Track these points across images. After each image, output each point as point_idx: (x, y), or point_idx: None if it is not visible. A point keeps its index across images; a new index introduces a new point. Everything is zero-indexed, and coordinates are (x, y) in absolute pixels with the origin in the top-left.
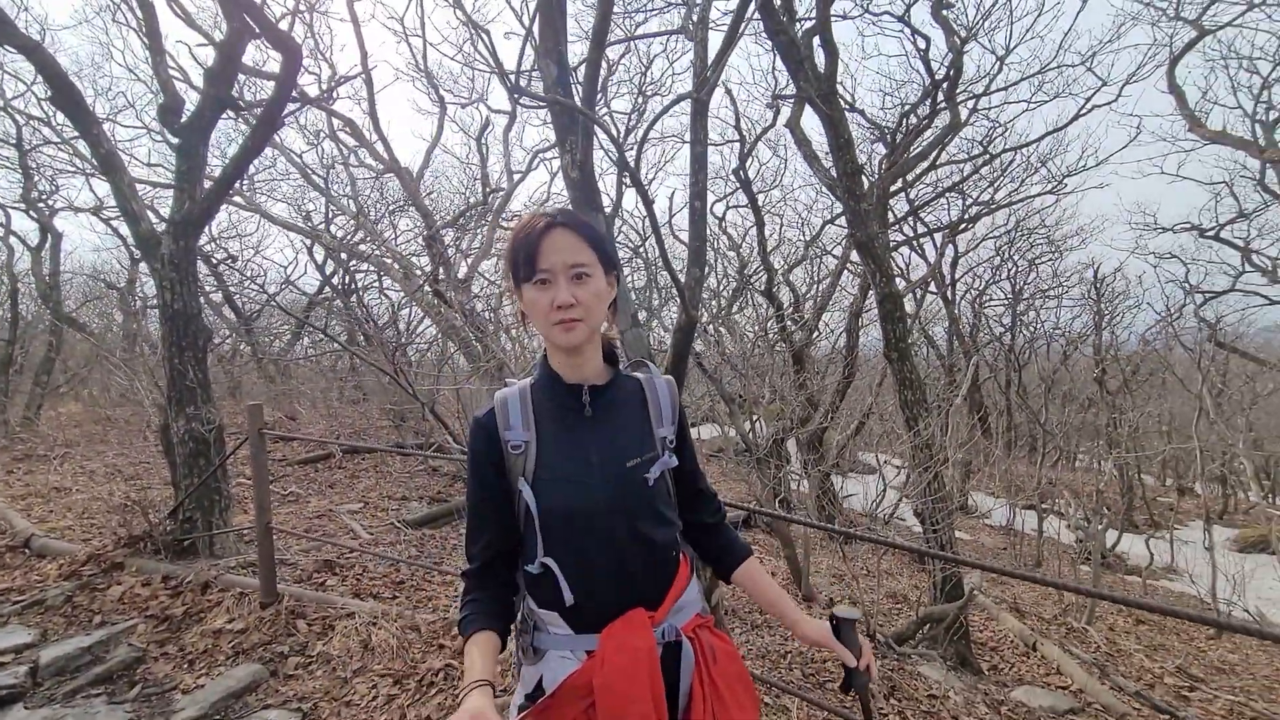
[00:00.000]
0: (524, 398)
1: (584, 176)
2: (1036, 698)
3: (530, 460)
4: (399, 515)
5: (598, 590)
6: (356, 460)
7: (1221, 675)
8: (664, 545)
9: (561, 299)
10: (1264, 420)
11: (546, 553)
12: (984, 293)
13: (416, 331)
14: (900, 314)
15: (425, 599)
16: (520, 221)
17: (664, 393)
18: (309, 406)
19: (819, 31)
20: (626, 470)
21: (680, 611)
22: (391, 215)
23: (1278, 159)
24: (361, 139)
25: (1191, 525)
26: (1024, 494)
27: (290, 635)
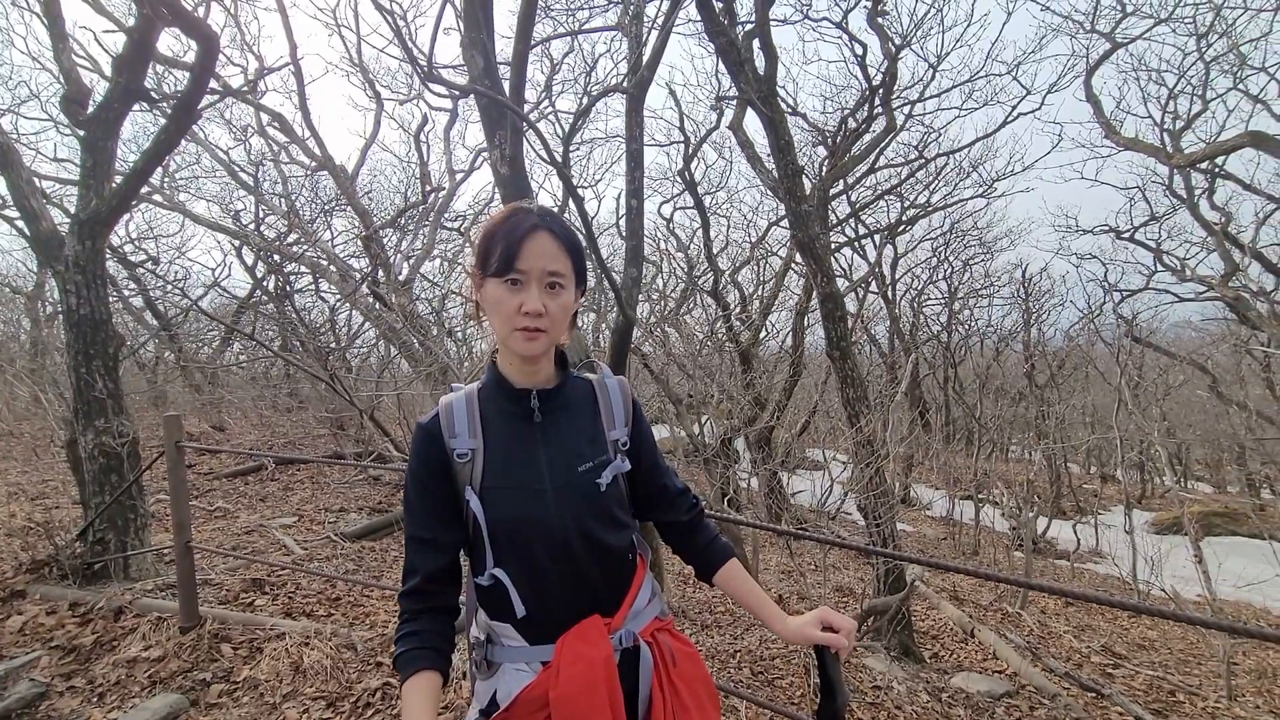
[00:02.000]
0: (470, 403)
1: (514, 173)
2: (974, 683)
3: (477, 469)
4: (336, 528)
5: (551, 600)
6: (291, 472)
7: (1142, 652)
8: (619, 550)
9: (532, 306)
10: (1176, 410)
11: (496, 564)
12: (922, 292)
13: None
14: (841, 313)
15: (363, 615)
16: (504, 211)
17: (616, 394)
18: (239, 416)
19: (758, 34)
20: (578, 475)
21: (637, 616)
22: (326, 215)
23: (1184, 165)
24: (292, 135)
25: (1114, 510)
26: (962, 485)
27: (214, 661)
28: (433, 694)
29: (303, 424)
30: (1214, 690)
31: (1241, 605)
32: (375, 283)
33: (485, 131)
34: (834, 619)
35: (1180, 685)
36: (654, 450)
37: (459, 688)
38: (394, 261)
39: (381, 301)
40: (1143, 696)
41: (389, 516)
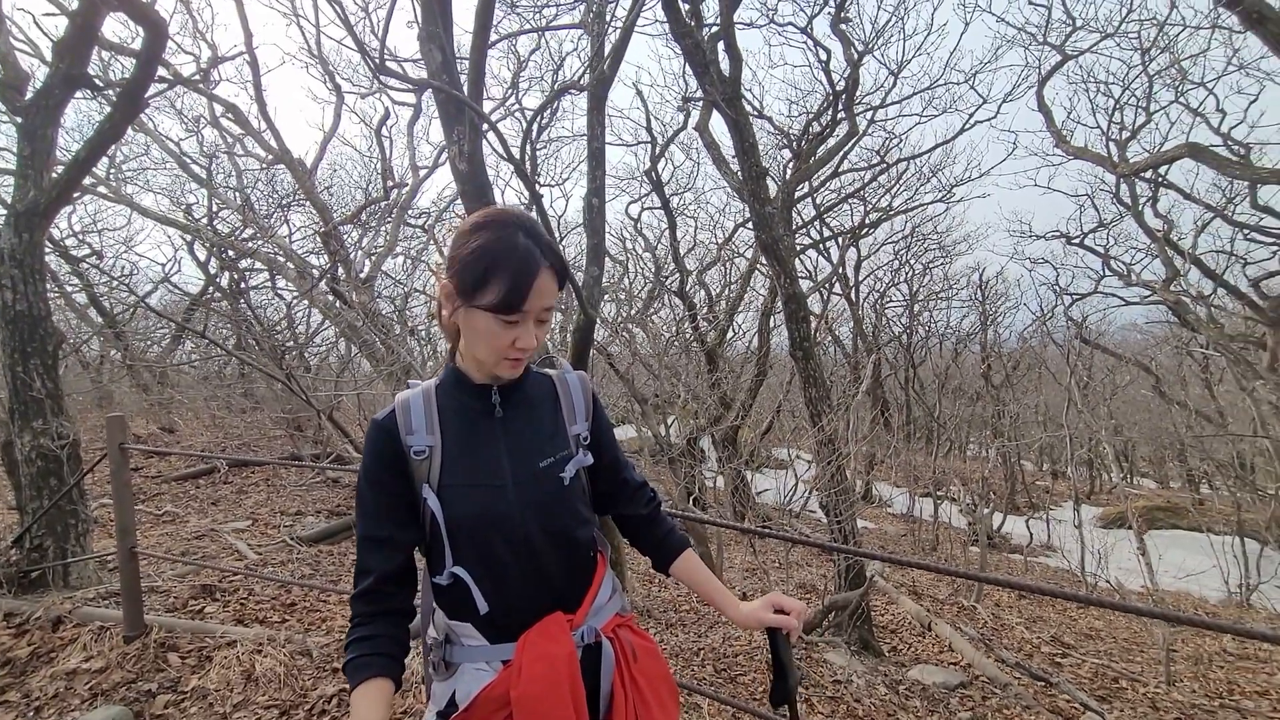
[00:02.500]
0: (428, 399)
1: (473, 169)
2: (930, 675)
3: (435, 466)
4: (292, 532)
5: (513, 597)
6: (245, 474)
7: (1089, 641)
8: (581, 545)
9: (527, 343)
10: (1123, 409)
11: (456, 562)
12: (885, 294)
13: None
14: (804, 314)
15: (319, 620)
16: (496, 235)
17: (576, 388)
18: (191, 417)
19: (723, 37)
20: (539, 470)
21: (599, 612)
22: (283, 209)
23: (1129, 174)
24: (247, 126)
25: (1064, 506)
26: (921, 483)
27: (160, 671)
28: (384, 701)
29: (258, 425)
30: (1154, 676)
31: (1181, 595)
32: (335, 280)
33: (443, 127)
34: (784, 602)
35: (1123, 672)
36: (614, 444)
37: (417, 692)
38: (355, 258)
39: (341, 299)
40: (1089, 684)
41: (348, 520)
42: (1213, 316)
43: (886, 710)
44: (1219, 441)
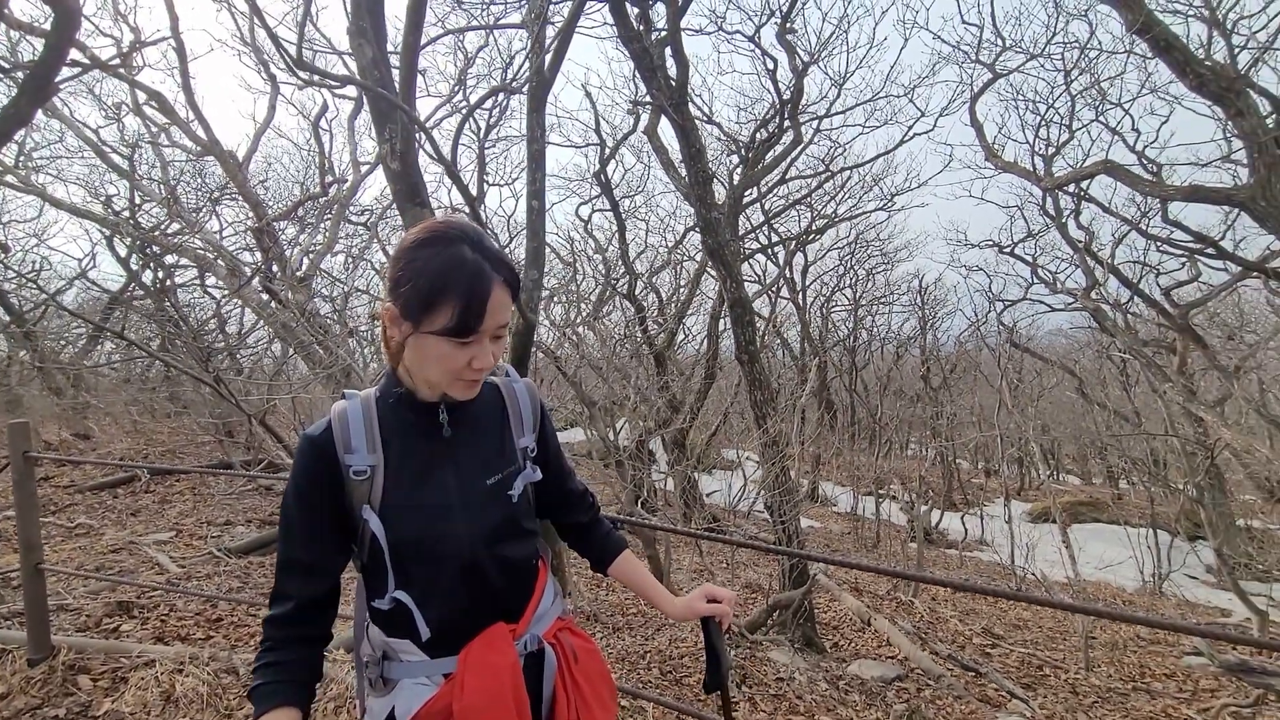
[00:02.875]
0: (369, 414)
1: (405, 168)
2: (869, 669)
3: (377, 487)
4: (220, 543)
5: (456, 617)
6: (168, 483)
7: (1017, 631)
8: (526, 560)
9: (485, 362)
10: (1049, 410)
11: (399, 586)
12: (830, 299)
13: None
14: (750, 318)
15: (247, 636)
16: (444, 254)
17: (524, 398)
18: (109, 423)
19: (670, 42)
20: (487, 489)
21: (541, 619)
22: (213, 204)
23: (1053, 188)
24: (173, 115)
25: (997, 502)
26: (864, 482)
27: (69, 695)
28: None
29: (184, 431)
30: (1075, 663)
31: (1101, 584)
32: (269, 278)
33: (375, 125)
34: (716, 592)
35: (1047, 660)
36: (560, 454)
37: (350, 708)
38: (291, 256)
39: (276, 298)
40: (1015, 672)
41: None
42: (1128, 323)
43: (827, 705)
44: (1135, 440)
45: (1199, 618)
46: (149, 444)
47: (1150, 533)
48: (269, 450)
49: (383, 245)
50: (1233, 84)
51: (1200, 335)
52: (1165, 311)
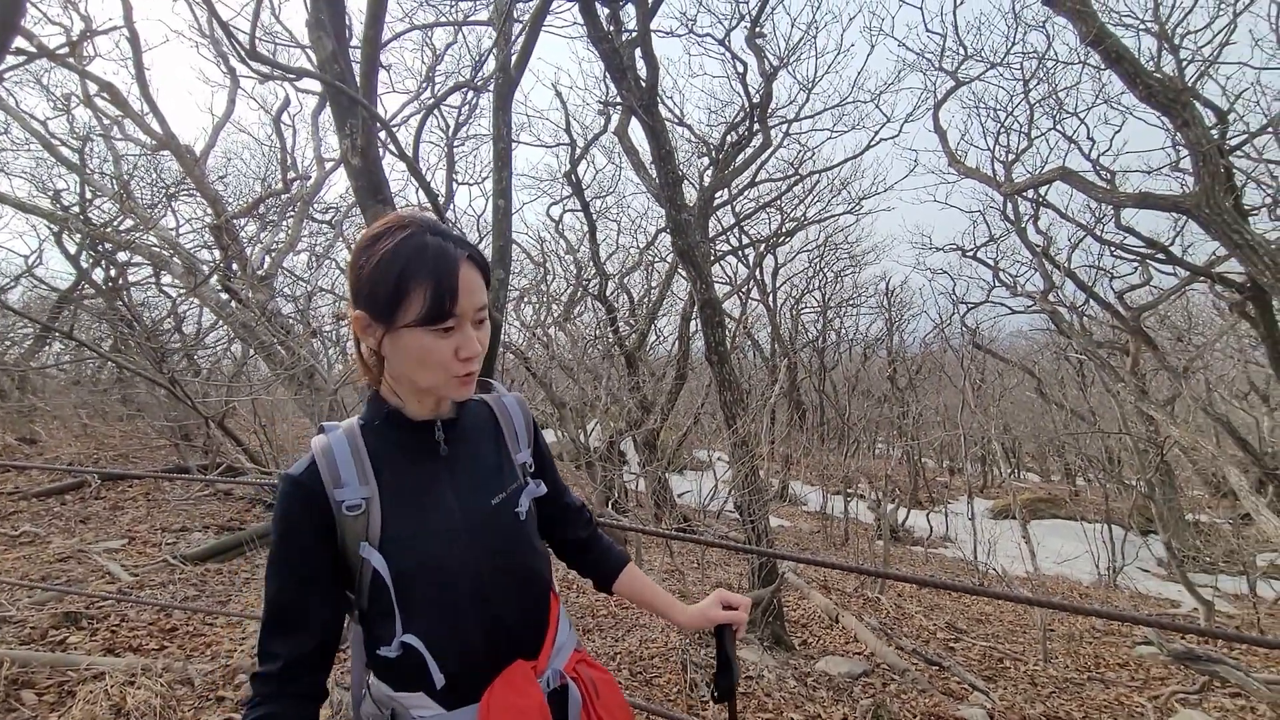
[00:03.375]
0: (354, 443)
1: (367, 165)
2: (836, 665)
3: (374, 520)
4: (175, 550)
5: (472, 657)
6: (120, 488)
7: (980, 625)
8: (539, 584)
9: (473, 349)
10: (1011, 409)
11: (407, 628)
12: (800, 300)
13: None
14: (719, 319)
15: (203, 645)
16: (400, 240)
17: (516, 412)
18: (58, 426)
19: (640, 44)
20: (492, 509)
21: (560, 652)
22: (169, 199)
23: (1012, 193)
24: (126, 108)
25: (961, 500)
26: (833, 481)
27: (11, 711)
28: None
29: (137, 434)
30: (1034, 655)
31: (1060, 578)
32: (228, 276)
33: (335, 121)
34: (731, 598)
35: (1008, 653)
36: (554, 467)
37: None
38: (252, 254)
39: (235, 297)
40: (977, 665)
41: (239, 535)
42: (1084, 325)
43: (795, 703)
44: (1091, 438)
45: (1150, 609)
46: (100, 448)
47: (1105, 528)
48: (228, 454)
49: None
50: (1179, 95)
51: (1151, 337)
52: (1118, 314)
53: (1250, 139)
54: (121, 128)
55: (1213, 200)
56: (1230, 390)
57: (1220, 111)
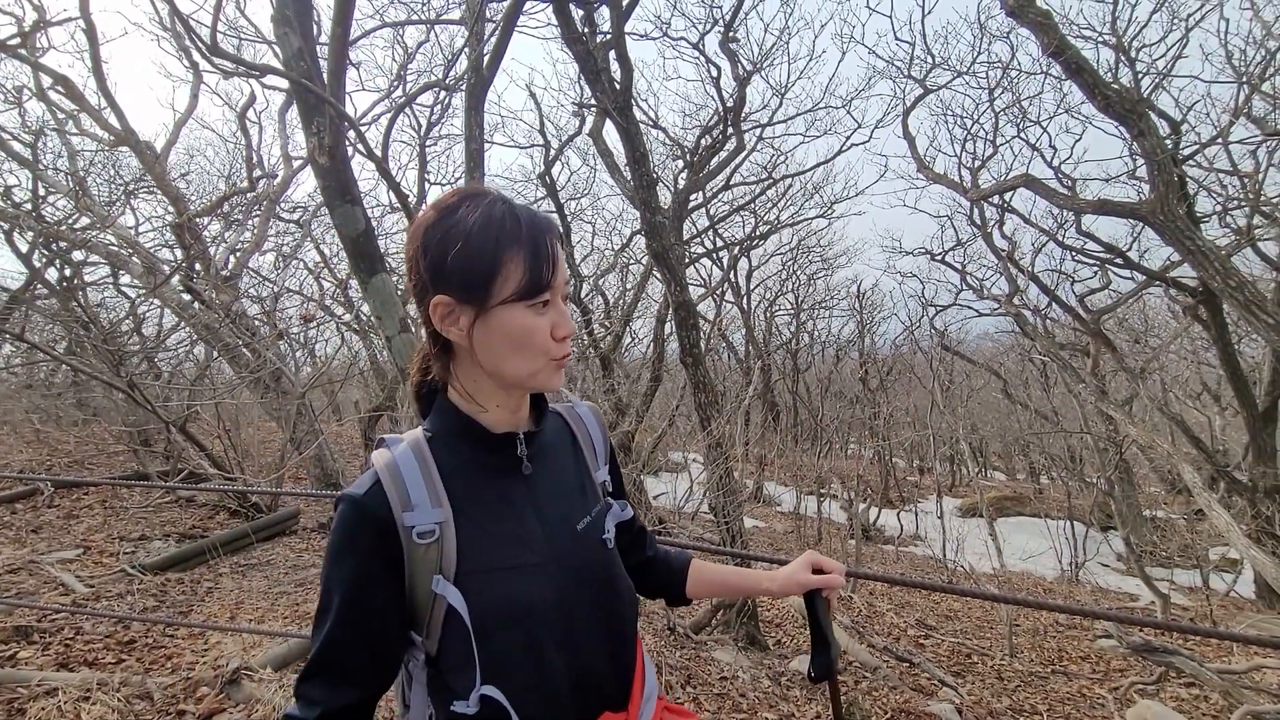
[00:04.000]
0: (424, 460)
1: (334, 164)
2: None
3: (449, 549)
4: (134, 559)
5: (557, 712)
6: (76, 496)
7: (949, 621)
8: (628, 623)
9: (570, 327)
10: (978, 410)
11: (487, 679)
12: (774, 303)
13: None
14: (694, 321)
15: (163, 658)
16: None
17: (593, 425)
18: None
19: (614, 46)
20: (578, 534)
21: (648, 702)
22: (128, 197)
23: (978, 199)
24: (82, 102)
25: (930, 498)
26: (806, 482)
27: None
28: None
29: (94, 439)
30: (1001, 650)
31: (1025, 574)
32: (190, 276)
33: (302, 119)
34: (822, 561)
35: (975, 648)
36: (624, 486)
37: None
38: (216, 254)
39: (198, 298)
40: (946, 661)
41: (202, 544)
42: (1047, 327)
43: (769, 702)
44: (1054, 437)
45: (1111, 603)
46: (53, 454)
47: (1068, 524)
48: (190, 459)
49: (316, 244)
50: (1136, 106)
51: (1110, 339)
52: (1079, 317)
53: (1201, 149)
54: (77, 122)
55: (1167, 207)
56: (1185, 390)
57: (1174, 122)
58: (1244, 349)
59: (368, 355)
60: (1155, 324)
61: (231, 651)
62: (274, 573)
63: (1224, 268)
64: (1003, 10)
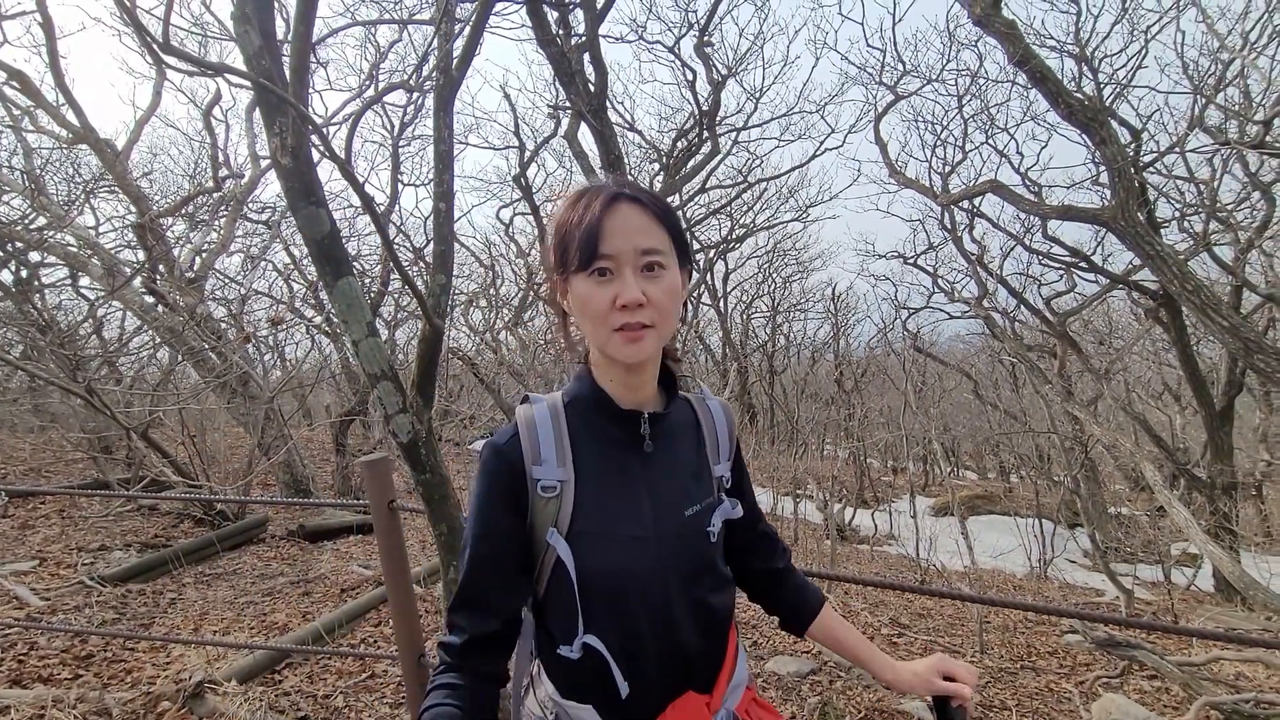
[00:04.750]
0: (558, 421)
1: (298, 165)
2: (785, 665)
3: (566, 507)
4: (93, 570)
5: (647, 676)
6: (31, 505)
7: (922, 620)
8: (723, 613)
9: (630, 295)
10: (950, 410)
11: (589, 629)
12: (751, 305)
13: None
14: None
15: (123, 672)
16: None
17: (720, 420)
18: None
19: (589, 49)
20: (685, 520)
21: (734, 690)
22: (87, 196)
23: (948, 204)
24: (38, 98)
25: (904, 498)
26: (783, 482)
27: None
28: None
29: (51, 447)
30: (971, 647)
31: (996, 572)
32: (153, 278)
33: (264, 119)
34: (954, 668)
35: (948, 646)
36: (751, 490)
37: None
38: (180, 255)
39: (162, 300)
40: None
41: (164, 553)
42: (1015, 329)
43: None
44: (1023, 436)
45: (1078, 598)
46: (8, 462)
47: (1036, 522)
48: (152, 466)
49: (285, 244)
50: (1097, 115)
51: (1076, 341)
52: (1046, 319)
53: (1159, 158)
54: (34, 119)
55: (1127, 213)
56: (1147, 390)
57: (1135, 130)
58: (1203, 350)
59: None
60: (1119, 326)
61: (195, 664)
62: (240, 582)
63: (1181, 272)
64: (970, 19)
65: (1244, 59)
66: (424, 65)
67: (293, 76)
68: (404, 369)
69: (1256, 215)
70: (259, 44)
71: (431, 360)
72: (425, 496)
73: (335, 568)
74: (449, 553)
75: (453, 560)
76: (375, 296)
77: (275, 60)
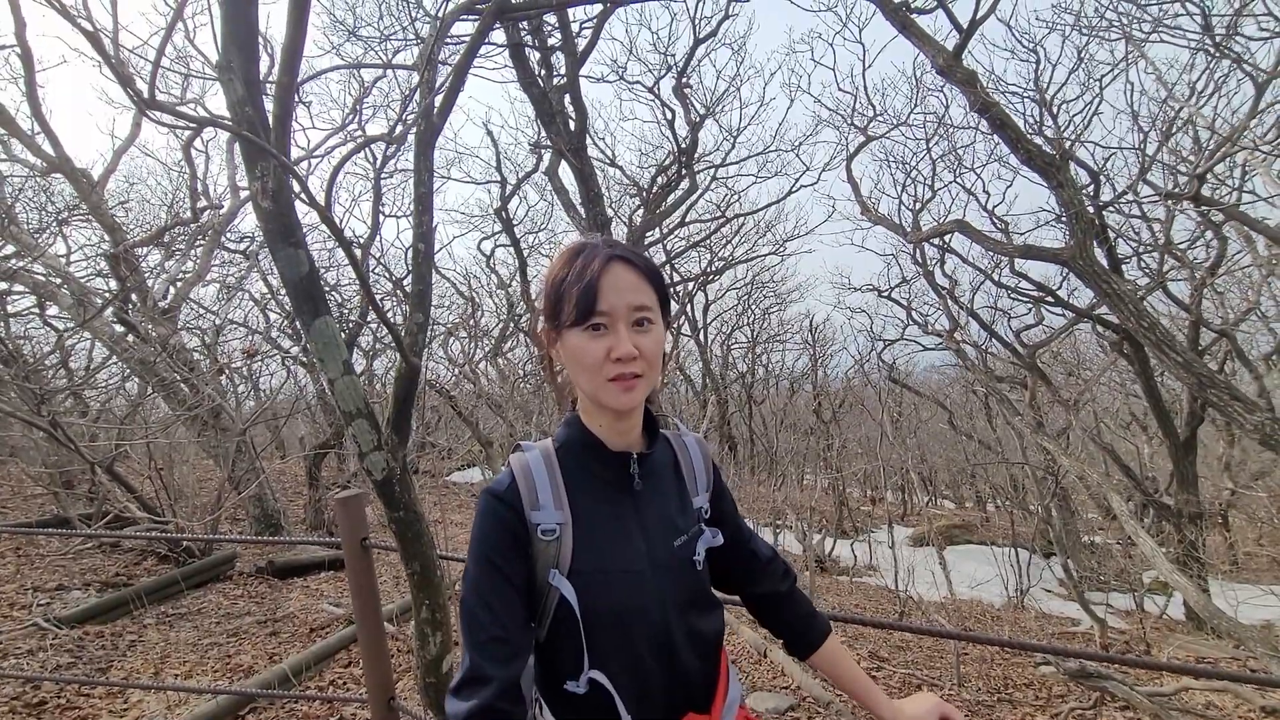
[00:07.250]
0: (551, 466)
1: (278, 208)
2: (764, 701)
3: (566, 548)
4: (48, 611)
5: (651, 704)
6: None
7: (900, 652)
8: (714, 635)
9: (624, 349)
10: (927, 441)
11: (594, 664)
12: (730, 336)
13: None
14: None
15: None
16: (566, 252)
17: (696, 454)
18: None
19: (569, 90)
20: (674, 551)
21: (729, 709)
22: (60, 225)
23: (918, 241)
24: (13, 128)
25: (883, 528)
26: (763, 513)
27: None
28: None
29: (8, 480)
30: (949, 680)
31: (974, 602)
32: (125, 308)
33: (244, 161)
34: (949, 712)
35: (925, 679)
36: (736, 513)
37: None
38: (154, 285)
39: (133, 330)
40: (898, 692)
41: (125, 592)
42: (986, 361)
43: None
44: (997, 466)
45: (1054, 627)
46: None
47: (1012, 551)
48: (116, 501)
49: (263, 275)
50: (1054, 160)
51: (1045, 373)
52: (1016, 351)
53: (1114, 200)
54: (7, 148)
55: (1085, 254)
56: (1115, 420)
57: (1094, 172)
58: (1166, 381)
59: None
60: (1086, 358)
61: (154, 711)
62: (205, 622)
63: (1137, 309)
64: (934, 69)
65: (1190, 108)
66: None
67: (275, 124)
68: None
69: (1212, 253)
70: (242, 92)
71: (407, 397)
72: (399, 534)
73: (305, 606)
74: (421, 591)
75: (425, 599)
76: (353, 328)
77: (258, 109)
